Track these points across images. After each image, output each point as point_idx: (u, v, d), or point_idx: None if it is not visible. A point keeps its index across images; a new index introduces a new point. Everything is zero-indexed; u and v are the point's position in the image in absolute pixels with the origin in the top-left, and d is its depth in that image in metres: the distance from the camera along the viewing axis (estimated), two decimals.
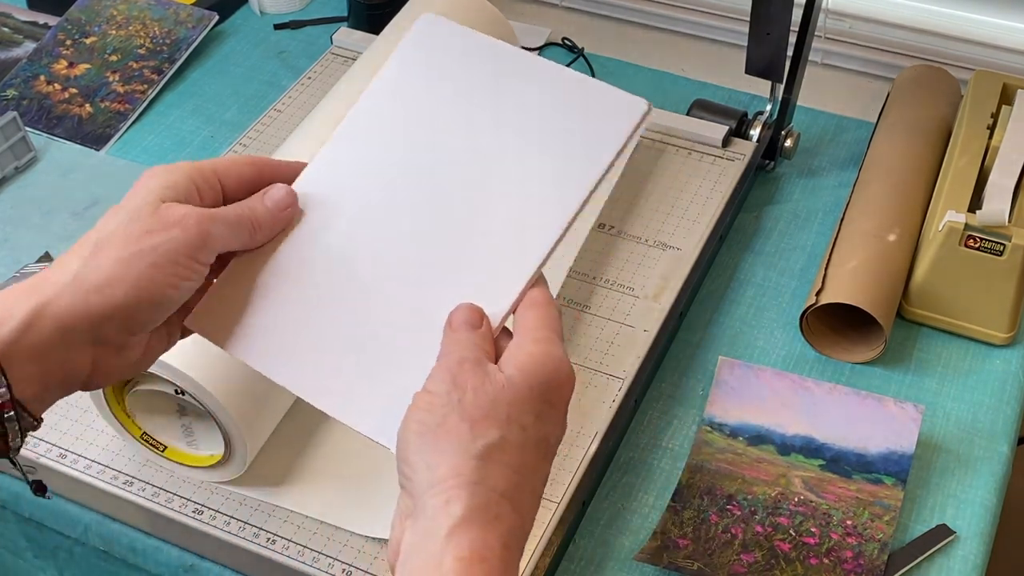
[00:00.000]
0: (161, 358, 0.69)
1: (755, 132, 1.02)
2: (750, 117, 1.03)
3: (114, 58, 1.16)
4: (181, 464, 0.76)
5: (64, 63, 1.16)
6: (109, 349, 0.56)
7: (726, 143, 1.01)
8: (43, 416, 0.55)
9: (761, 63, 0.99)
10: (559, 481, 0.77)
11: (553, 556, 0.74)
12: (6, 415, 0.52)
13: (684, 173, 0.99)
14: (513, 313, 0.58)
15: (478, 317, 0.56)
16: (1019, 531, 1.14)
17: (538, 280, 0.58)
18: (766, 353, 0.89)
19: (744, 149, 1.01)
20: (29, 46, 1.19)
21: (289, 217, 0.60)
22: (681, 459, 0.82)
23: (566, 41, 1.20)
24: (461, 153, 0.62)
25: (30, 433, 0.55)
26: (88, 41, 1.18)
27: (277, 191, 0.59)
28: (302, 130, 0.89)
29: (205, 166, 0.58)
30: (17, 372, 0.52)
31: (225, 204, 0.59)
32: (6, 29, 1.22)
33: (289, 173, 0.61)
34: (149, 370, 0.70)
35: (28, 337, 0.52)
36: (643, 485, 0.81)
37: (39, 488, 0.63)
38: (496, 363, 0.54)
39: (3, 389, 0.52)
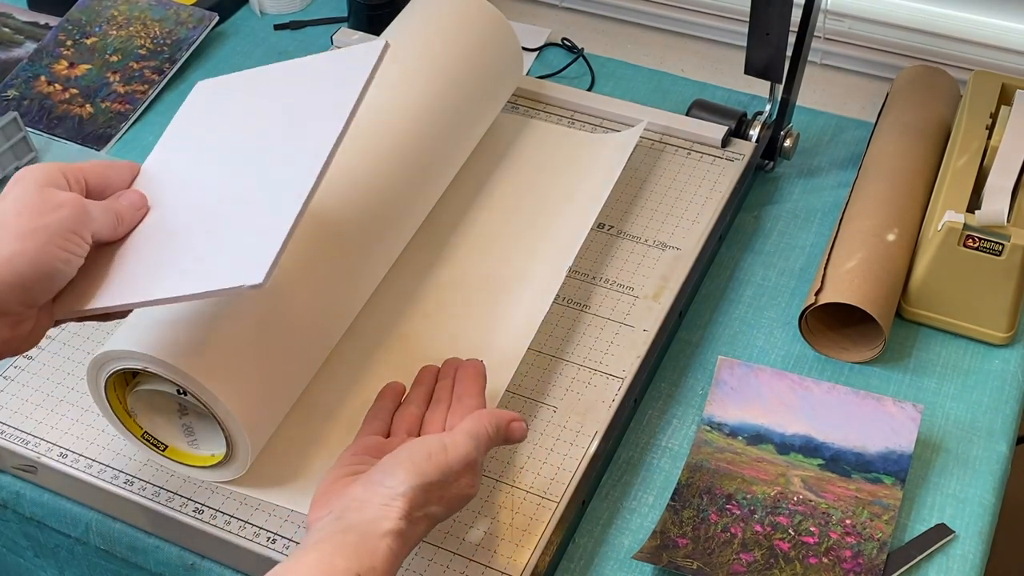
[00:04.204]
0: (162, 358, 0.70)
1: (754, 132, 1.02)
2: (749, 117, 1.03)
3: (115, 58, 1.16)
4: (182, 464, 0.76)
5: (65, 63, 1.16)
6: (6, 321, 0.63)
7: (725, 143, 1.01)
8: None
9: (760, 63, 0.99)
10: (559, 480, 0.77)
11: (553, 555, 0.74)
12: None
13: (684, 173, 1.00)
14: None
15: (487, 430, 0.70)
16: (1018, 530, 1.14)
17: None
18: (765, 353, 0.89)
19: (743, 149, 1.01)
20: (30, 46, 1.19)
21: (142, 215, 0.70)
22: (680, 458, 0.82)
23: (566, 41, 1.20)
24: (243, 141, 0.74)
25: (29, 433, 0.57)
26: (89, 41, 1.18)
27: (132, 194, 0.71)
28: None
29: (72, 166, 0.68)
30: None
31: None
32: (7, 29, 1.22)
33: (129, 172, 0.73)
34: (151, 369, 0.71)
35: None
36: (642, 484, 0.81)
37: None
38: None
39: None
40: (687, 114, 1.04)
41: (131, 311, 0.73)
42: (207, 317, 0.73)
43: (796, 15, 0.95)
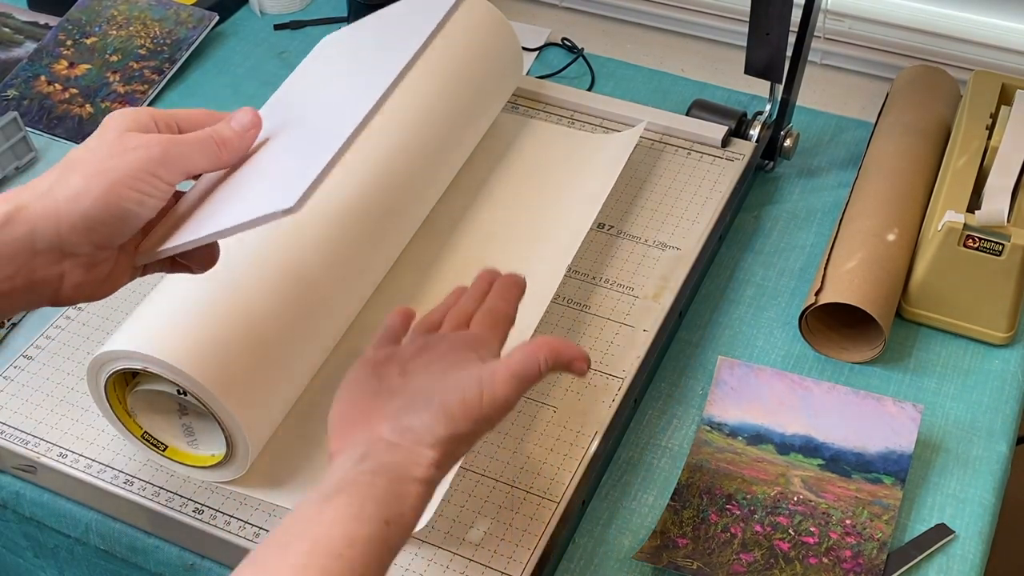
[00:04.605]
0: (162, 358, 0.70)
1: (754, 132, 1.02)
2: (749, 117, 1.03)
3: (115, 58, 1.16)
4: (182, 464, 0.76)
5: (65, 63, 1.16)
6: (78, 262, 0.59)
7: (725, 143, 1.01)
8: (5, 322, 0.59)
9: (761, 63, 0.99)
10: (559, 480, 0.77)
11: (553, 555, 0.74)
12: None
13: (684, 173, 1.00)
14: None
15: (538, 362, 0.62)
16: (1018, 530, 1.14)
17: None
18: (765, 353, 0.89)
19: (743, 149, 1.01)
20: (30, 46, 1.19)
21: (253, 137, 0.65)
22: (680, 458, 0.82)
23: (566, 41, 1.20)
24: (329, 85, 0.74)
25: (29, 433, 0.56)
26: (89, 41, 1.18)
27: (243, 114, 0.65)
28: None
29: (165, 112, 0.64)
30: None
31: None
32: (7, 29, 1.22)
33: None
34: (151, 370, 0.71)
35: (1, 235, 0.57)
36: (643, 484, 0.81)
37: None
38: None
39: None
40: (687, 114, 1.04)
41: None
42: (207, 317, 0.73)
43: (796, 15, 0.95)
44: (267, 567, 0.54)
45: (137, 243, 0.63)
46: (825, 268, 0.89)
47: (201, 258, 0.66)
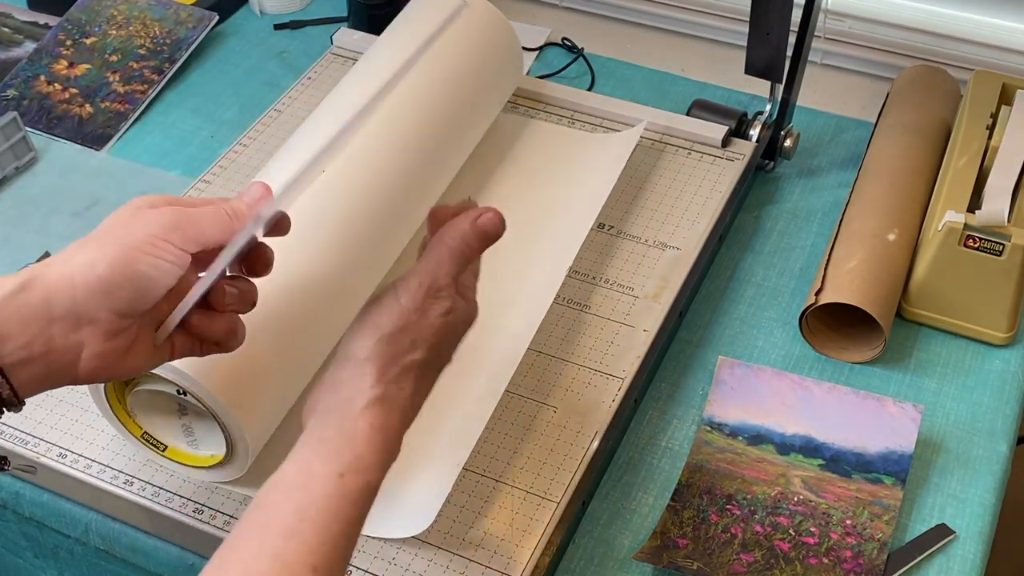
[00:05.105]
0: None
1: (755, 132, 1.02)
2: (750, 117, 1.03)
3: (114, 58, 1.16)
4: (182, 464, 0.76)
5: (64, 63, 1.16)
6: (96, 329, 0.58)
7: (726, 143, 1.01)
8: (25, 401, 0.59)
9: (761, 63, 0.99)
10: (559, 480, 0.77)
11: (553, 555, 0.74)
12: None
13: (684, 173, 1.00)
14: None
15: (499, 230, 0.66)
16: (1019, 531, 1.14)
17: None
18: (766, 353, 0.89)
19: (744, 149, 1.01)
20: (29, 46, 1.19)
21: (267, 209, 0.63)
22: (681, 459, 0.82)
23: (566, 41, 1.20)
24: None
25: (29, 433, 0.57)
26: (88, 41, 1.18)
27: (254, 188, 0.65)
28: (300, 134, 0.89)
29: (182, 198, 0.63)
30: (3, 335, 0.56)
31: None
32: (6, 29, 1.22)
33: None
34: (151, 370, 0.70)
35: (16, 300, 0.57)
36: (643, 485, 0.81)
37: (3, 462, 0.67)
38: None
39: None
40: (687, 114, 1.04)
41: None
42: None
43: (796, 15, 0.95)
44: (223, 567, 0.54)
45: (160, 323, 0.63)
46: (825, 268, 0.89)
47: (224, 331, 0.65)
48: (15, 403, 0.58)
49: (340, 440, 0.57)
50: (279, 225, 0.64)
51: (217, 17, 1.19)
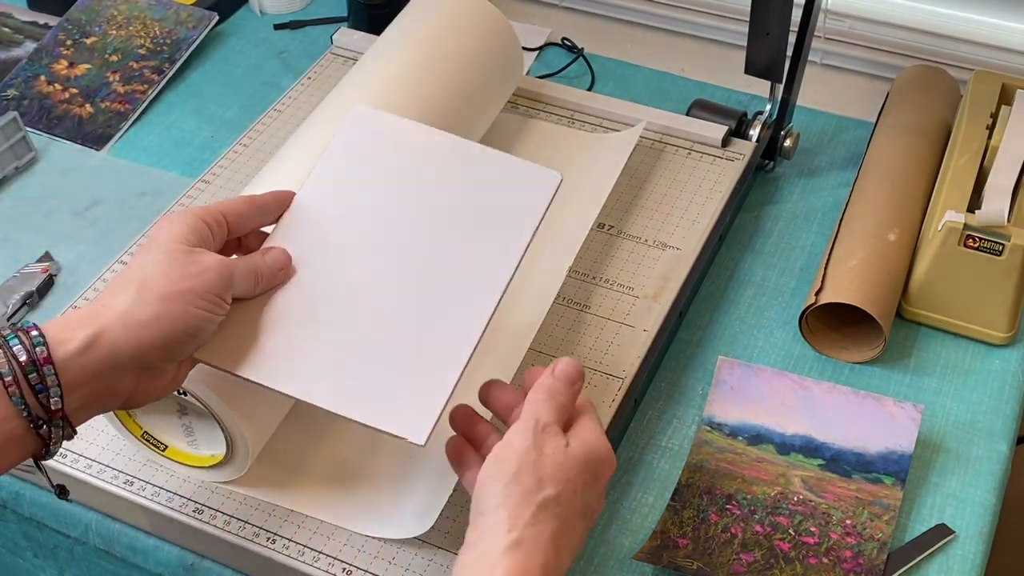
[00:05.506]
0: None
1: (755, 132, 1.02)
2: (750, 117, 1.03)
3: (114, 58, 1.16)
4: (182, 464, 0.76)
5: (64, 63, 1.16)
6: (148, 375, 0.64)
7: (726, 143, 1.01)
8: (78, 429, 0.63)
9: (761, 63, 0.99)
10: None
11: None
12: (54, 422, 0.61)
13: (684, 173, 1.00)
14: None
15: (579, 373, 0.67)
16: (1019, 531, 1.14)
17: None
18: (766, 353, 0.89)
19: (744, 149, 1.01)
20: (30, 46, 1.19)
21: (284, 278, 0.71)
22: (681, 459, 0.82)
23: (566, 41, 1.20)
24: (406, 217, 0.74)
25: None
26: (88, 41, 1.18)
27: (276, 252, 0.71)
28: (300, 135, 0.89)
29: (212, 207, 0.69)
30: (69, 386, 0.61)
31: (229, 239, 0.70)
32: (7, 29, 1.22)
33: (276, 205, 0.73)
34: None
35: (84, 359, 0.61)
36: (643, 484, 0.81)
37: (62, 492, 0.70)
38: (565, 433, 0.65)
39: (56, 399, 0.60)
40: (687, 114, 1.04)
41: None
42: None
43: (796, 15, 0.95)
44: None
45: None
46: (825, 268, 0.89)
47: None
48: (72, 436, 0.63)
49: None
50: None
51: (217, 17, 1.19)
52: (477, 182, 0.75)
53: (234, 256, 0.69)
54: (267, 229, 0.73)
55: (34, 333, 0.60)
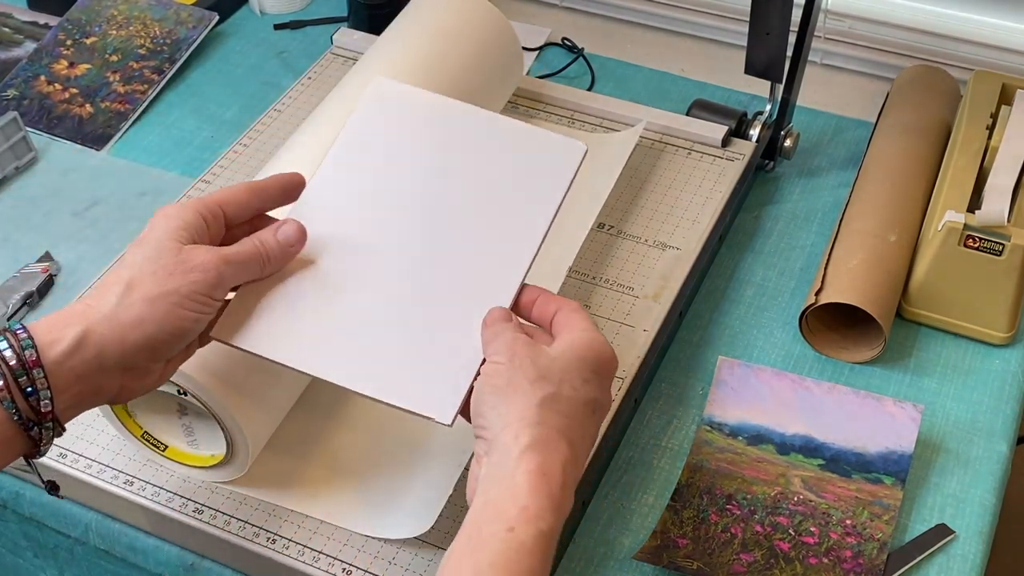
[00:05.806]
0: None
1: (755, 132, 1.02)
2: (750, 117, 1.03)
3: (114, 58, 1.16)
4: (182, 464, 0.76)
5: (65, 63, 1.16)
6: (136, 373, 0.64)
7: (726, 143, 1.01)
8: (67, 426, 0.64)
9: (761, 63, 0.99)
10: None
11: (553, 555, 0.74)
12: (44, 424, 0.61)
13: (684, 173, 1.00)
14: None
15: (508, 315, 0.67)
16: (1019, 531, 1.14)
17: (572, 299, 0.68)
18: (766, 353, 0.89)
19: (744, 149, 1.01)
20: (30, 46, 1.19)
21: (296, 252, 0.69)
22: (681, 458, 0.82)
23: (566, 41, 1.20)
24: (431, 192, 0.72)
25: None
26: (89, 41, 1.18)
27: (288, 227, 0.69)
28: (301, 133, 0.89)
29: (209, 200, 0.67)
30: (58, 388, 0.61)
31: (228, 230, 0.68)
32: (6, 29, 1.22)
33: (279, 191, 0.71)
34: None
35: (73, 360, 0.61)
36: (643, 484, 0.81)
37: (52, 487, 0.70)
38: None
39: (47, 402, 0.60)
40: (687, 114, 1.04)
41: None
42: None
43: (796, 15, 0.95)
44: None
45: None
46: (825, 268, 0.89)
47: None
48: (61, 433, 0.63)
49: (503, 497, 0.58)
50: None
51: (217, 17, 1.19)
52: (501, 153, 0.73)
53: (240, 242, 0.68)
54: (273, 214, 0.72)
55: (23, 335, 0.60)
